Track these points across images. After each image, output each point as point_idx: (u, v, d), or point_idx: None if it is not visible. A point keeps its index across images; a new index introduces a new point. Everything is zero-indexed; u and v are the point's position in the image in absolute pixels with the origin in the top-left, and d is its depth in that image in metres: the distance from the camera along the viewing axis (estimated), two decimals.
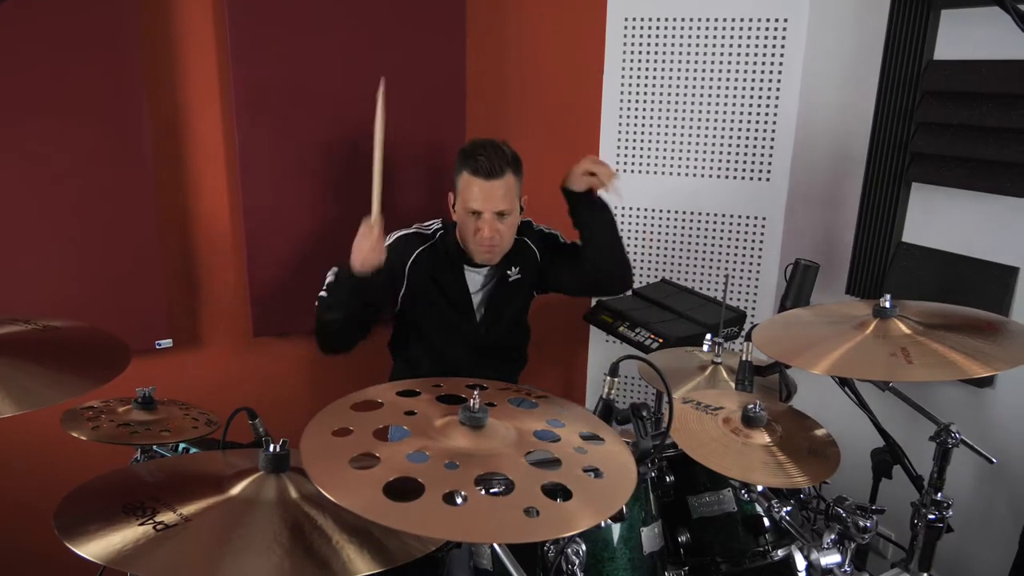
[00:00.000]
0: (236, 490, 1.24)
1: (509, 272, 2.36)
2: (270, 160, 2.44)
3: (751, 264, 3.06)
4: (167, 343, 2.41)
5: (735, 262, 3.07)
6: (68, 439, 1.64)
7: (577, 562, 1.33)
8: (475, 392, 1.20)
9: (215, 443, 1.77)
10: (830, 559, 1.35)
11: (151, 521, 1.12)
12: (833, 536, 1.34)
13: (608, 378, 1.49)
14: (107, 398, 1.81)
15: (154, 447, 1.79)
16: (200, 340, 2.54)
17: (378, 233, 2.02)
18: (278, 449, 1.29)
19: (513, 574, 1.12)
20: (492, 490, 1.15)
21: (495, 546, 1.16)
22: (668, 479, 1.64)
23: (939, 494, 1.61)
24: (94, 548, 1.06)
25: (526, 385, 1.48)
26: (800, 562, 1.34)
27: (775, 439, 1.51)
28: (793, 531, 1.42)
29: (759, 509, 1.65)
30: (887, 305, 1.61)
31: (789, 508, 1.47)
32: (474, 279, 2.34)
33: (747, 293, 3.09)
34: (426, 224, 2.35)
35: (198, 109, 2.39)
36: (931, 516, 1.60)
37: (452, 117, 2.71)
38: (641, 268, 3.20)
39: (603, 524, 1.42)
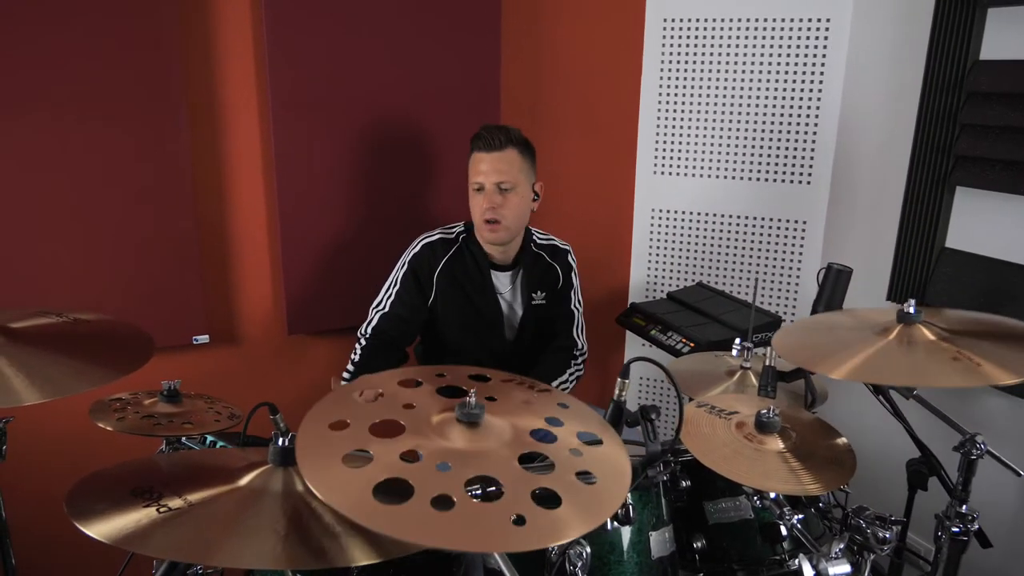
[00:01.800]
0: (244, 481, 1.27)
1: (534, 295, 2.38)
2: (306, 161, 2.49)
3: (791, 268, 3.00)
4: (204, 339, 2.48)
5: (775, 266, 3.02)
6: (96, 430, 1.69)
7: (580, 564, 1.32)
8: (472, 389, 1.20)
9: (238, 437, 1.80)
10: (839, 569, 1.31)
11: (156, 504, 1.15)
12: (842, 546, 1.31)
13: (619, 380, 1.49)
14: (139, 390, 1.86)
15: (183, 439, 1.85)
16: (236, 337, 2.60)
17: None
18: (286, 443, 1.32)
19: (506, 574, 1.12)
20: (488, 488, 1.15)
21: None
22: (683, 484, 1.62)
23: (964, 506, 1.56)
24: (99, 528, 1.10)
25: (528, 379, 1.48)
26: (808, 571, 1.31)
27: (789, 445, 1.48)
28: (804, 540, 1.39)
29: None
30: (911, 311, 1.57)
31: (801, 516, 1.43)
32: (502, 281, 2.36)
33: (786, 298, 3.03)
34: (449, 227, 2.36)
35: (236, 112, 2.45)
36: (955, 529, 1.55)
37: (486, 120, 2.72)
38: (678, 271, 3.17)
39: (610, 527, 1.41)
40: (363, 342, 2.31)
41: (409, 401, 1.28)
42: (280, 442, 1.33)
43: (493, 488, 1.10)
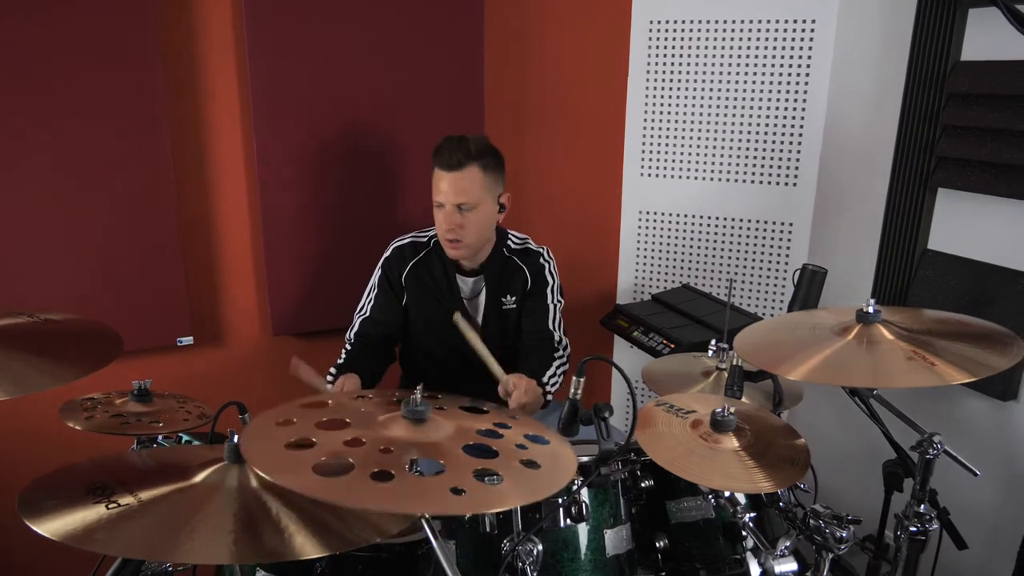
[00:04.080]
0: (198, 478, 1.30)
1: (504, 300, 2.36)
2: (287, 163, 2.52)
3: (777, 270, 3.00)
4: (188, 340, 2.51)
5: (761, 268, 3.03)
6: (68, 430, 1.71)
7: (530, 560, 1.34)
8: (418, 387, 1.23)
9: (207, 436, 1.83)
10: (785, 567, 1.32)
11: (107, 501, 1.17)
12: (788, 543, 1.31)
13: (575, 379, 1.50)
14: (114, 390, 1.89)
15: (159, 438, 1.88)
16: (220, 338, 2.63)
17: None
18: (239, 440, 1.34)
19: (447, 571, 1.14)
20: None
21: (432, 541, 1.18)
22: (644, 483, 1.63)
23: (923, 506, 1.56)
24: (48, 525, 1.12)
25: (492, 403, 1.49)
26: (755, 569, 1.32)
27: (744, 444, 1.49)
28: (753, 537, 1.40)
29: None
30: (870, 310, 1.57)
31: (754, 514, 1.44)
32: (466, 285, 2.35)
33: (772, 299, 3.03)
34: (424, 231, 2.38)
35: (218, 114, 2.48)
36: (913, 528, 1.55)
37: (470, 123, 2.75)
38: (665, 273, 3.18)
39: (564, 524, 1.43)
40: (348, 347, 2.34)
41: (358, 407, 1.30)
42: (236, 439, 1.35)
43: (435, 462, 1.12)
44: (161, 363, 2.50)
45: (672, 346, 2.52)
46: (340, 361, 2.30)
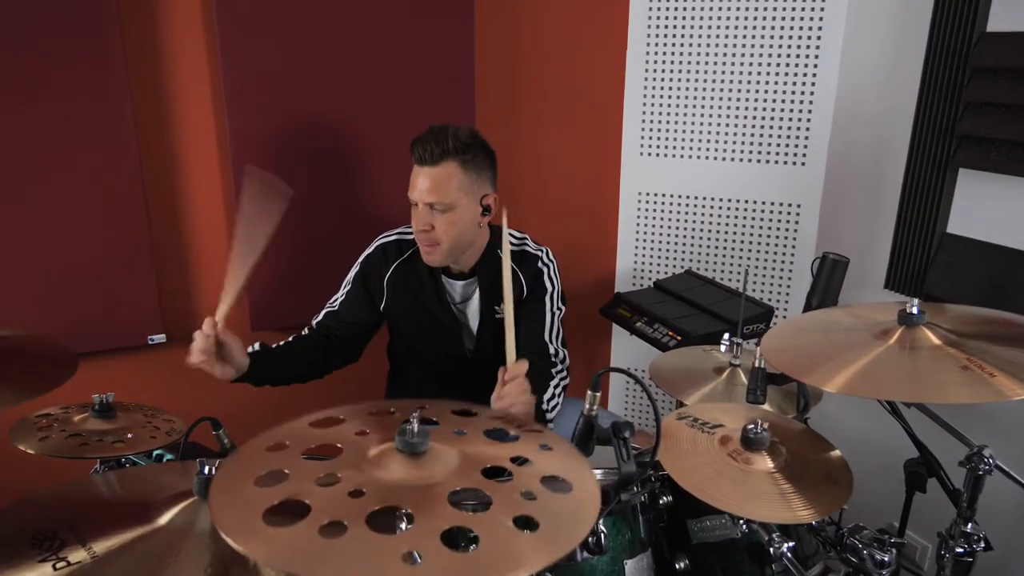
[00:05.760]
0: (164, 519, 1.13)
1: (497, 309, 2.13)
2: (262, 152, 2.34)
3: (784, 254, 2.85)
4: (160, 338, 2.34)
5: (767, 252, 2.87)
6: (22, 454, 1.54)
7: None
8: (415, 414, 1.06)
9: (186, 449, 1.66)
10: None
11: (54, 558, 1.01)
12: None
13: (589, 392, 1.34)
14: (73, 403, 1.71)
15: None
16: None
17: (206, 346, 1.84)
18: (213, 472, 1.17)
19: None
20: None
21: None
22: (663, 500, 1.48)
23: (969, 525, 1.43)
24: None
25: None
26: None
27: (779, 464, 1.34)
28: (793, 570, 1.25)
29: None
30: (914, 311, 1.42)
31: (791, 544, 1.30)
32: (456, 290, 2.15)
33: (779, 286, 2.89)
34: (411, 228, 2.15)
35: (187, 99, 2.29)
36: (959, 549, 1.42)
37: (459, 99, 2.57)
38: (666, 258, 3.02)
39: (580, 557, 1.27)
40: (305, 332, 2.17)
41: (362, 429, 1.13)
42: (206, 471, 1.18)
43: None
44: (131, 364, 2.33)
45: (679, 338, 2.37)
46: (286, 341, 2.12)
